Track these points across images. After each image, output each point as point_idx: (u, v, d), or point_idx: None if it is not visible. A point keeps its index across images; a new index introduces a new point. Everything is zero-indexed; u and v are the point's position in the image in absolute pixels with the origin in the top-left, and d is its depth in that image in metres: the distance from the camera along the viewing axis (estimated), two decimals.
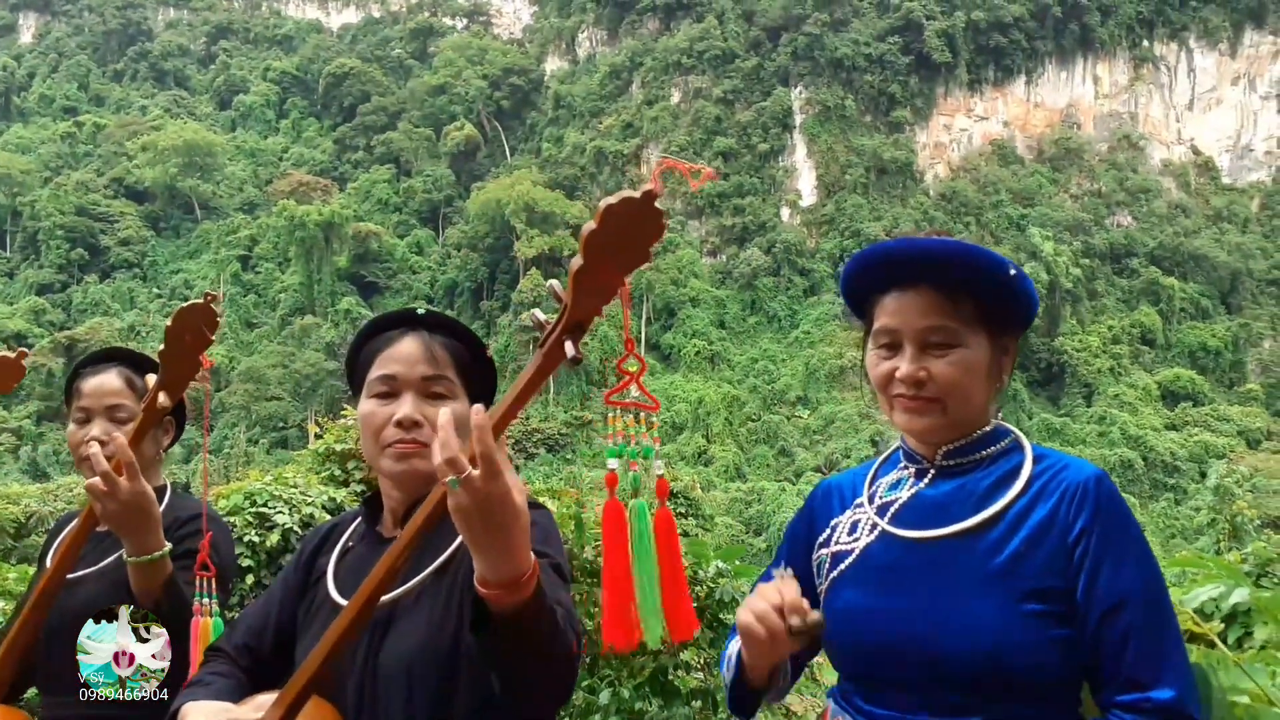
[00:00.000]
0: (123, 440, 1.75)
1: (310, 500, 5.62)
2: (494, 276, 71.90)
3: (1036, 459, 1.42)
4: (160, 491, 2.09)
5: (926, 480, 1.47)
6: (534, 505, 1.38)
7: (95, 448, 1.78)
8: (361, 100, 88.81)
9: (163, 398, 1.76)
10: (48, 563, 2.13)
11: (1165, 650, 1.28)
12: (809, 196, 73.55)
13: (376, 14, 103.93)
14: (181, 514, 2.05)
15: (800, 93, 76.08)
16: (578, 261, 1.03)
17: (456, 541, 1.41)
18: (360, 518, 1.62)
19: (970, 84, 79.00)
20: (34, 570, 2.33)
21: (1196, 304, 69.54)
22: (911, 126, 76.94)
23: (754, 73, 77.20)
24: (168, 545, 1.86)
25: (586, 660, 3.46)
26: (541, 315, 1.12)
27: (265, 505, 5.38)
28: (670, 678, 3.44)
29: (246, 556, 5.17)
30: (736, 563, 3.63)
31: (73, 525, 1.94)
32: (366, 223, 75.41)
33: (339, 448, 6.49)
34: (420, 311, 1.54)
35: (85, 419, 2.10)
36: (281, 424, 58.31)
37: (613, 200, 1.01)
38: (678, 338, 64.48)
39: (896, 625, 1.37)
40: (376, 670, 1.39)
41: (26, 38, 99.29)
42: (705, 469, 47.73)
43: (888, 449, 1.60)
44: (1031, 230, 68.30)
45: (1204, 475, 44.29)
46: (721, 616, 3.56)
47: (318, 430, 6.77)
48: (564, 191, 73.17)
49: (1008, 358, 1.46)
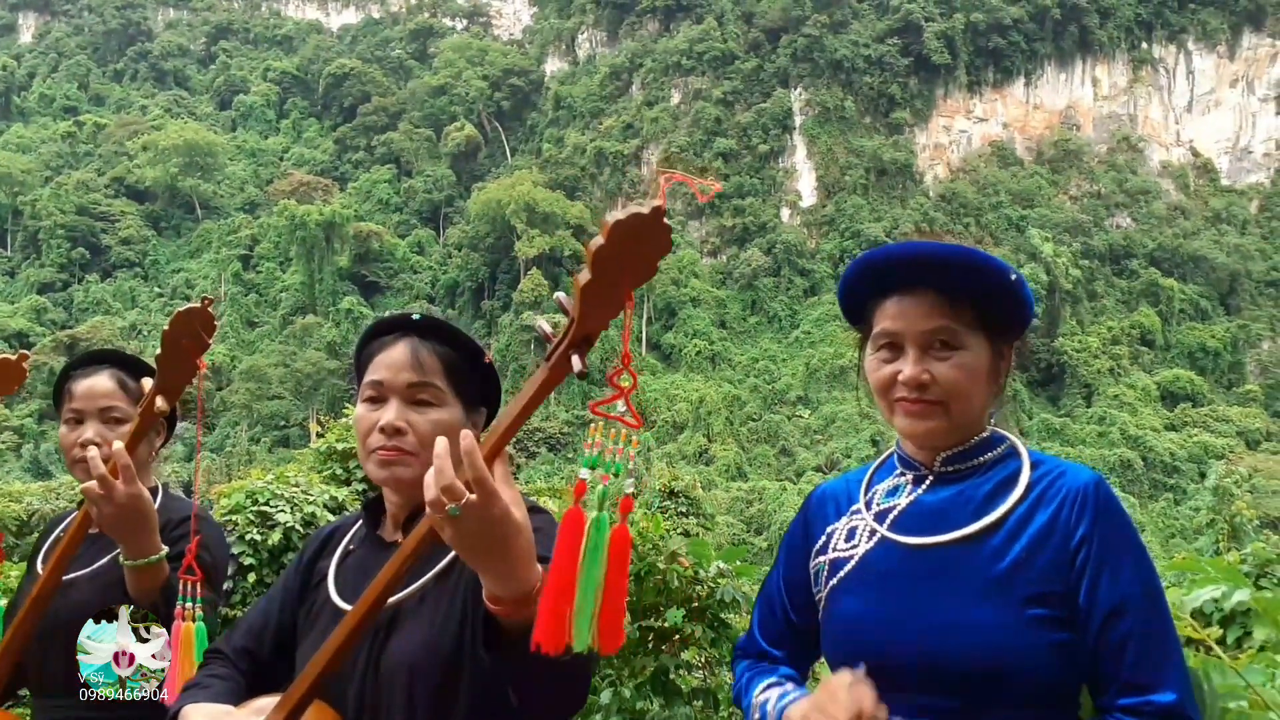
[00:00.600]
0: (120, 444, 1.74)
1: (312, 499, 5.65)
2: (495, 276, 71.95)
3: (1034, 465, 1.43)
4: (153, 493, 2.08)
5: (925, 486, 1.47)
6: (535, 510, 1.38)
7: (93, 451, 1.76)
8: (362, 100, 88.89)
9: (160, 402, 1.75)
10: (39, 563, 2.13)
11: (1166, 653, 1.29)
12: (809, 197, 73.62)
13: (376, 15, 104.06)
14: (174, 515, 2.04)
15: (800, 94, 76.13)
16: (585, 276, 1.03)
17: None
18: (361, 521, 1.62)
19: (969, 86, 79.06)
20: (25, 570, 2.32)
21: (1196, 305, 69.60)
22: (911, 128, 77.01)
23: (754, 74, 77.25)
24: (165, 548, 1.85)
25: None
26: (546, 325, 1.12)
27: (267, 504, 5.40)
28: (672, 677, 3.43)
29: (249, 555, 5.19)
30: (738, 563, 3.62)
31: (67, 527, 1.93)
32: (367, 223, 75.49)
33: (340, 446, 6.51)
34: (415, 316, 1.54)
35: (78, 420, 2.09)
36: (283, 423, 58.36)
37: (621, 216, 1.01)
38: (678, 338, 64.54)
39: (898, 631, 1.36)
40: (379, 673, 1.39)
41: (26, 37, 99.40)
42: (706, 468, 47.78)
43: (887, 450, 1.60)
44: (1031, 231, 68.41)
45: (1203, 476, 44.34)
46: (723, 616, 3.55)
47: (319, 429, 6.80)
48: (564, 192, 73.26)
49: (1005, 363, 1.46)
